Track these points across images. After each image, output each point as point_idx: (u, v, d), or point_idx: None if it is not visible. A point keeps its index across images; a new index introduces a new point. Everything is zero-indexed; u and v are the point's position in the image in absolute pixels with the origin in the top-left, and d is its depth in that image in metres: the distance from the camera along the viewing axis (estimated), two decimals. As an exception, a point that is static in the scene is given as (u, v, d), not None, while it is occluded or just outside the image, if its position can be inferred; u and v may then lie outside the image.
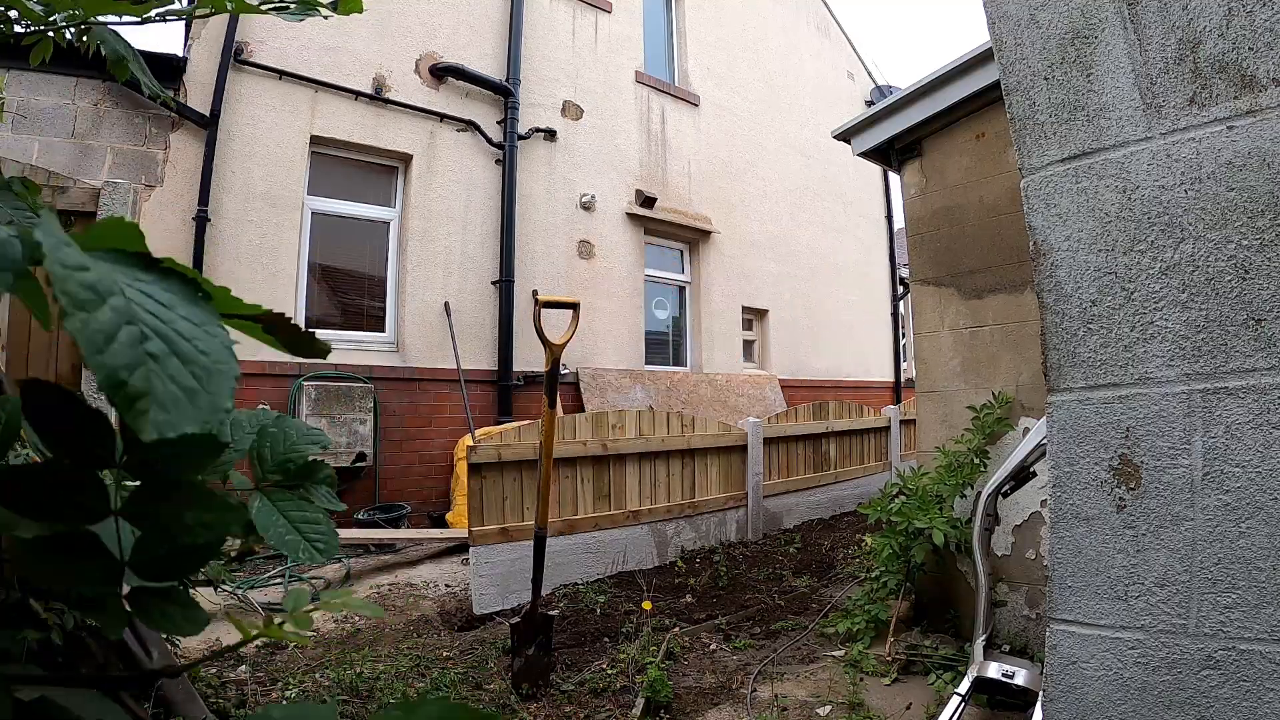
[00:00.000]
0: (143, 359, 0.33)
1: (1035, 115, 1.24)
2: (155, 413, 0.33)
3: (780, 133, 9.77)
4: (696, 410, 7.20)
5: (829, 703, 2.64)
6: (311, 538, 0.59)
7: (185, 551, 0.47)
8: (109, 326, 0.33)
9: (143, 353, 0.33)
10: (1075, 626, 1.17)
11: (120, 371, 0.32)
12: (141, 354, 0.33)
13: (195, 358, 0.36)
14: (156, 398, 0.33)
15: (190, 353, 0.36)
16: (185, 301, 0.39)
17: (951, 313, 3.45)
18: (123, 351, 0.33)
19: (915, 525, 2.92)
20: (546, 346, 2.69)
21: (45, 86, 4.59)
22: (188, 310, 0.38)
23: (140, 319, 0.35)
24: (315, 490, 0.63)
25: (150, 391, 0.33)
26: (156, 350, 0.34)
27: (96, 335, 0.32)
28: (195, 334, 0.37)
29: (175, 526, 0.46)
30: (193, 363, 0.36)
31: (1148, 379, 1.11)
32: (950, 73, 3.30)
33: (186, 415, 0.34)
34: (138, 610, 0.48)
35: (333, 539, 0.60)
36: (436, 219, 6.24)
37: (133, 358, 0.33)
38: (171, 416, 0.33)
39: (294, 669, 2.86)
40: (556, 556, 4.01)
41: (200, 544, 0.47)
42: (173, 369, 0.35)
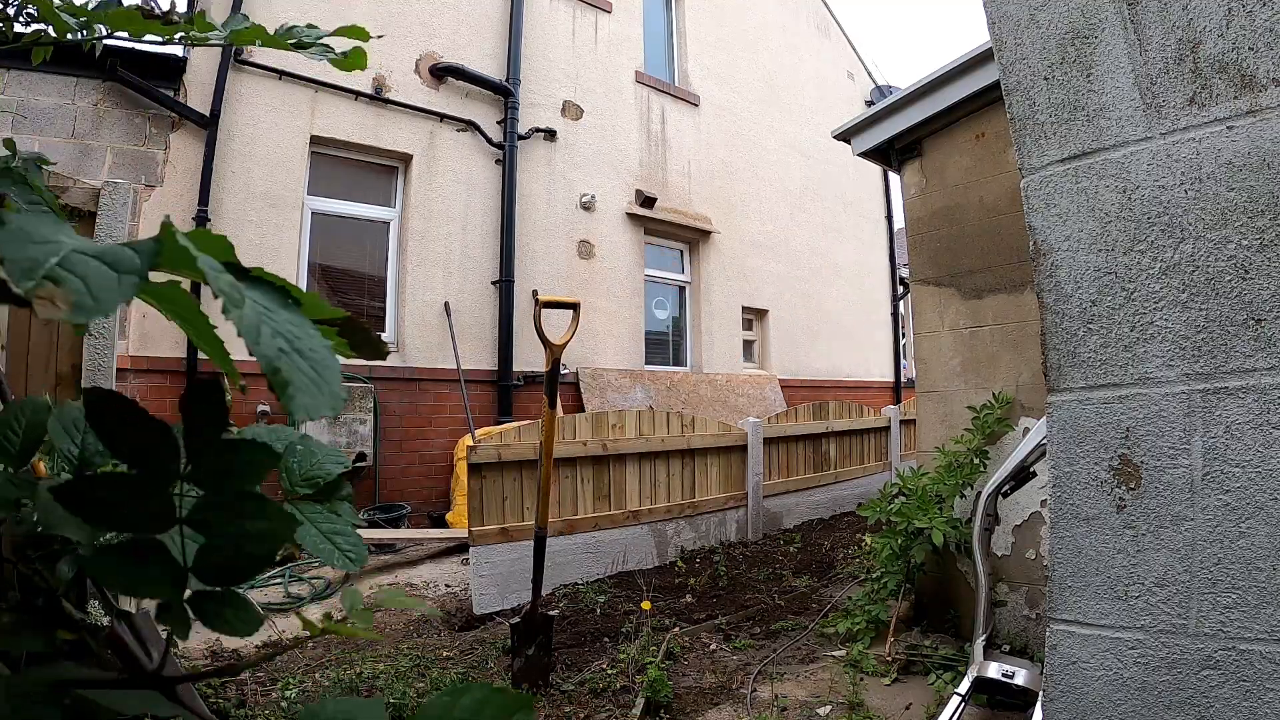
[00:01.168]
0: (280, 353, 0.37)
1: (1035, 115, 1.24)
2: (301, 397, 0.36)
3: (780, 133, 9.77)
4: (696, 410, 7.20)
5: (829, 703, 2.64)
6: (343, 548, 0.64)
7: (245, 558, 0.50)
8: (255, 321, 0.36)
9: (278, 348, 0.37)
10: (1075, 626, 1.17)
11: (274, 360, 0.36)
12: (279, 347, 0.37)
13: (309, 353, 0.39)
14: (298, 385, 0.37)
15: (305, 349, 0.39)
16: (282, 307, 0.42)
17: (951, 313, 3.45)
18: (269, 344, 0.36)
19: (915, 525, 2.92)
20: (547, 347, 2.69)
21: (45, 86, 4.59)
22: (287, 315, 0.41)
23: (264, 317, 0.38)
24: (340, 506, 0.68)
25: (293, 380, 0.36)
26: (284, 346, 0.38)
27: (251, 329, 0.36)
28: (300, 334, 0.40)
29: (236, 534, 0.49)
30: (308, 358, 0.39)
31: (1148, 379, 1.11)
32: (950, 73, 3.30)
33: (320, 401, 0.38)
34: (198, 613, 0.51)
35: (361, 549, 0.65)
36: (436, 219, 6.24)
37: (276, 350, 0.37)
38: (313, 400, 0.37)
39: (294, 669, 2.86)
40: (556, 556, 4.01)
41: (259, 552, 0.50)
42: (298, 362, 0.38)
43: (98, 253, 0.35)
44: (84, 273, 0.33)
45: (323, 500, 0.67)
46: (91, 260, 0.34)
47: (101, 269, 0.34)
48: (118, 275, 0.34)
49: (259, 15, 5.38)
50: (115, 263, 0.35)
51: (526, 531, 3.64)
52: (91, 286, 0.33)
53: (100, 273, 0.33)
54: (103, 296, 0.32)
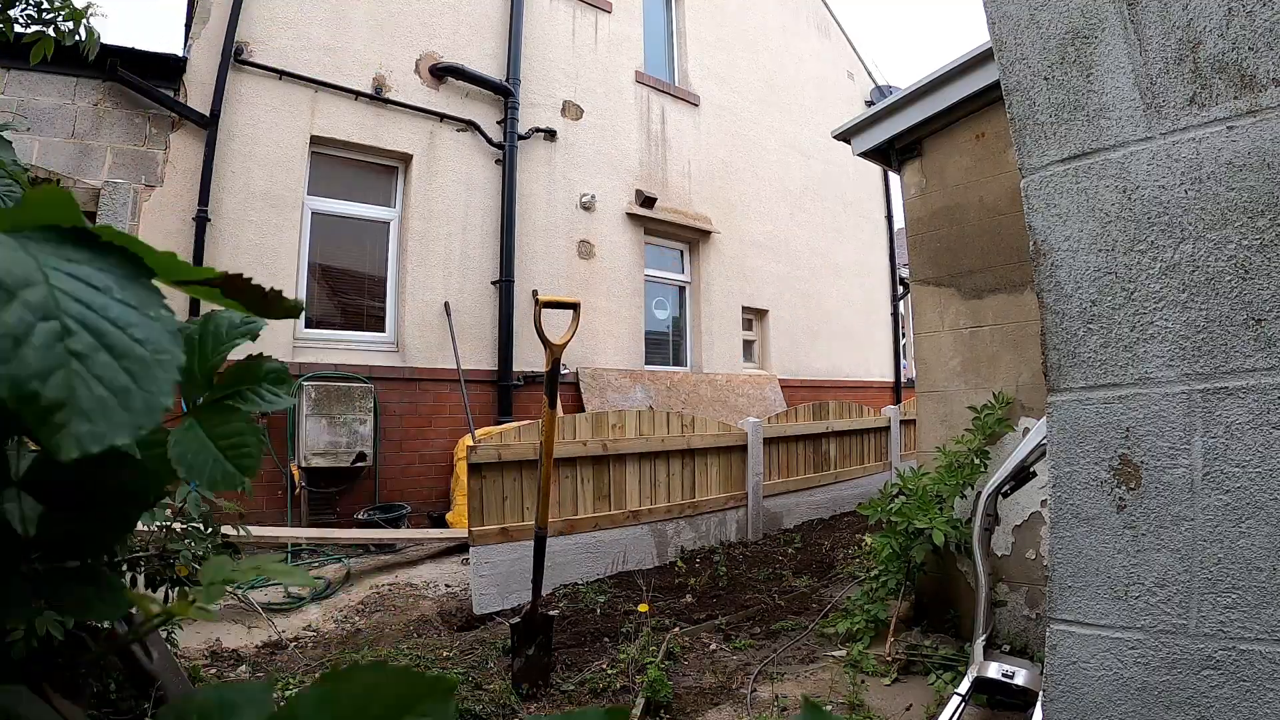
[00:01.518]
0: (63, 360, 0.29)
1: (1035, 115, 1.24)
2: (76, 424, 0.28)
3: (780, 133, 9.77)
4: (696, 410, 7.20)
5: (829, 703, 2.64)
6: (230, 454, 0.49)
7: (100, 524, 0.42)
8: (18, 327, 0.28)
9: (63, 352, 0.29)
10: (1075, 626, 1.17)
11: (30, 381, 0.28)
12: (61, 354, 0.29)
13: (129, 350, 0.31)
14: (79, 406, 0.28)
15: (124, 345, 0.31)
16: (124, 281, 0.34)
17: (951, 313, 3.45)
18: (35, 356, 0.28)
19: (915, 525, 2.92)
20: (547, 347, 2.68)
21: (45, 86, 4.59)
22: (125, 292, 0.33)
23: (65, 310, 0.30)
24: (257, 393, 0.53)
25: (71, 399, 0.28)
26: (81, 347, 0.30)
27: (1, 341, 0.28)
28: (131, 320, 0.32)
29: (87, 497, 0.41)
30: (126, 356, 0.31)
31: (1148, 379, 1.11)
32: (950, 73, 3.30)
33: (117, 422, 0.29)
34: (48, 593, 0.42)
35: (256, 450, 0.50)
36: (436, 219, 6.24)
37: (48, 361, 0.28)
38: (96, 427, 0.29)
39: (293, 669, 2.86)
40: (556, 556, 4.01)
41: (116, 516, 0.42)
42: (100, 366, 0.30)
43: None
44: None
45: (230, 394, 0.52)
46: None
47: None
48: None
49: (259, 14, 5.39)
50: None
51: (526, 531, 3.64)
52: None
53: None
54: None
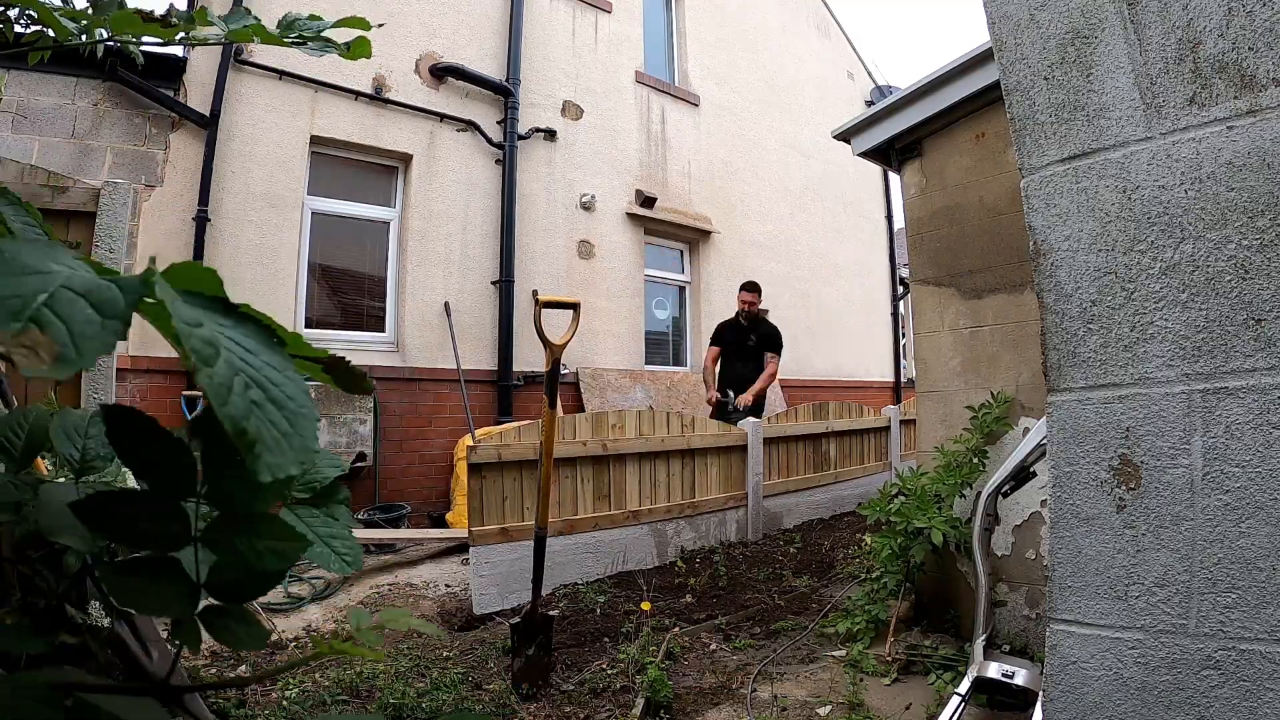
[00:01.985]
0: (250, 408, 0.36)
1: (1035, 115, 1.24)
2: (266, 456, 0.35)
3: (780, 133, 9.77)
4: (696, 410, 7.20)
5: (829, 703, 2.64)
6: (340, 551, 0.64)
7: (257, 575, 0.51)
8: (226, 378, 0.35)
9: (250, 401, 0.36)
10: (1075, 626, 1.17)
11: (240, 420, 0.35)
12: (249, 402, 0.36)
13: (285, 403, 0.38)
14: (265, 443, 0.35)
15: (281, 399, 0.38)
16: (265, 348, 0.41)
17: (951, 313, 3.44)
18: (239, 402, 0.35)
19: (915, 525, 2.92)
20: (547, 346, 2.68)
21: (45, 86, 4.59)
22: (269, 356, 0.40)
23: (239, 368, 0.37)
24: (336, 509, 0.68)
25: (261, 438, 0.35)
26: (257, 398, 0.37)
27: (220, 388, 0.35)
28: (280, 380, 0.39)
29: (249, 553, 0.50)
30: (284, 408, 0.38)
31: (1148, 379, 1.11)
32: (950, 73, 3.30)
33: (288, 458, 0.36)
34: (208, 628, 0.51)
35: (357, 552, 0.65)
36: (436, 219, 6.24)
37: (245, 407, 0.35)
38: (279, 459, 0.36)
39: (294, 669, 2.86)
40: (556, 556, 4.01)
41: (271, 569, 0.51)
42: (271, 414, 0.37)
43: (85, 289, 0.33)
44: (68, 315, 0.31)
45: (319, 504, 0.68)
46: (78, 299, 0.32)
47: (87, 311, 0.32)
48: (101, 321, 0.33)
49: (260, 8, 5.38)
50: (101, 304, 0.33)
51: (526, 531, 3.64)
52: (75, 334, 0.31)
53: (85, 317, 0.32)
54: (85, 347, 0.31)
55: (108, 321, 0.33)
